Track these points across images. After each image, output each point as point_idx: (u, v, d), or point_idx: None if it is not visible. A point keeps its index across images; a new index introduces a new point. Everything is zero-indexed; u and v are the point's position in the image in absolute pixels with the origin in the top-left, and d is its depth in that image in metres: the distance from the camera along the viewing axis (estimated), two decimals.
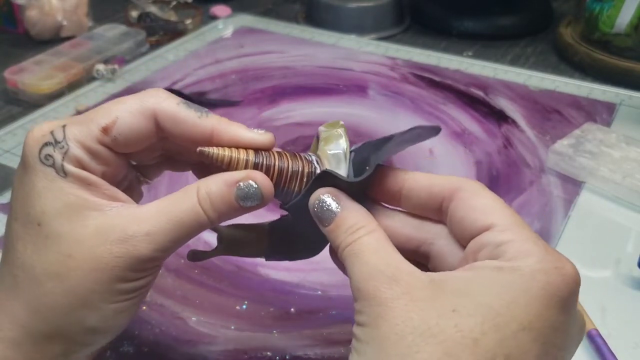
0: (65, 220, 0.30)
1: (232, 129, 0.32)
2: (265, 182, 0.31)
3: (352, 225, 0.30)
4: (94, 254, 0.30)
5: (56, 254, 0.30)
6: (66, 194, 0.30)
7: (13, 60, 0.75)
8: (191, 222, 0.30)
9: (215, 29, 0.87)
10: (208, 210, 0.31)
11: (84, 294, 0.30)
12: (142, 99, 0.32)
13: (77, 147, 0.31)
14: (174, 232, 0.30)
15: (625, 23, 0.73)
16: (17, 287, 0.31)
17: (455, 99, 0.70)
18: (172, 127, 0.32)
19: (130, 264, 0.30)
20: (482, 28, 0.86)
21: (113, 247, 0.30)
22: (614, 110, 0.67)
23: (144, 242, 0.30)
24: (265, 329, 0.43)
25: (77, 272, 0.30)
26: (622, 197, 0.54)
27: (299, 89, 0.72)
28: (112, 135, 0.31)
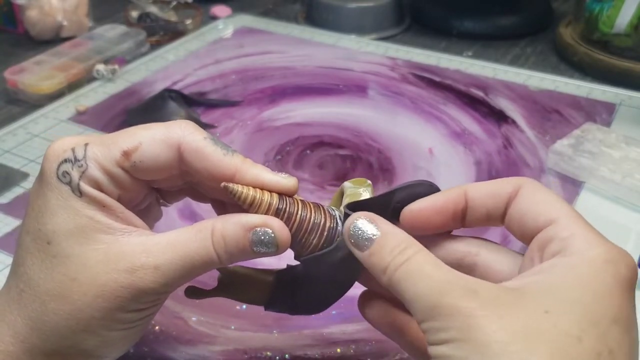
0: (75, 242, 0.30)
1: (255, 170, 0.31)
2: (283, 232, 0.30)
3: (396, 245, 0.28)
4: (100, 280, 0.29)
5: (62, 276, 0.30)
6: (79, 215, 0.30)
7: (13, 61, 0.75)
8: (202, 261, 0.30)
9: (215, 29, 0.87)
10: (220, 252, 0.30)
11: (85, 319, 0.30)
12: (169, 128, 0.31)
13: (96, 167, 0.30)
14: (183, 269, 0.30)
15: (625, 23, 0.73)
16: (21, 301, 0.30)
17: (455, 99, 0.70)
18: (196, 161, 0.31)
19: (134, 295, 0.30)
20: (482, 28, 0.86)
21: (119, 276, 0.29)
22: (613, 110, 0.67)
23: (151, 275, 0.30)
24: (265, 329, 0.43)
25: (81, 297, 0.30)
26: (622, 197, 0.54)
27: (299, 89, 0.72)
28: (132, 160, 0.31)
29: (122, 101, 0.70)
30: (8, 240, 0.50)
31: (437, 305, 0.26)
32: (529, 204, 0.29)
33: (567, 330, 0.24)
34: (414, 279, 0.27)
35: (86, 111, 0.68)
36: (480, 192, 0.31)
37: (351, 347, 0.41)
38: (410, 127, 0.65)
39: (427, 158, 0.60)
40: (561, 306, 0.25)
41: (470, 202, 0.31)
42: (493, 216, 0.31)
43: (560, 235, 0.27)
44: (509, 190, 0.30)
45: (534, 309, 0.25)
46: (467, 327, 0.24)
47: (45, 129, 0.65)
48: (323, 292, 0.33)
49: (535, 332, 0.24)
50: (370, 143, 0.62)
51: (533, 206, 0.29)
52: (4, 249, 0.50)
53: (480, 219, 0.31)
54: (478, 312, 0.25)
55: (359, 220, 0.29)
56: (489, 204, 0.30)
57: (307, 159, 0.60)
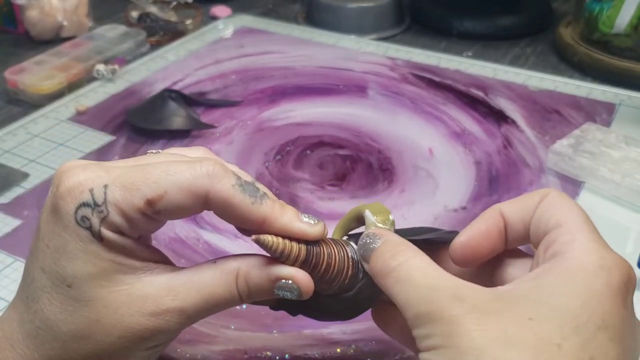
0: (97, 286, 0.29)
1: (284, 219, 0.30)
2: (307, 284, 0.31)
3: (390, 249, 0.29)
4: (124, 322, 0.29)
5: (84, 319, 0.29)
6: (100, 259, 0.29)
7: (13, 61, 0.75)
8: (225, 302, 0.31)
9: (215, 29, 0.87)
10: (244, 295, 0.31)
11: (106, 356, 0.30)
12: (195, 174, 0.29)
13: (117, 213, 0.29)
14: (207, 310, 0.31)
15: (624, 23, 0.73)
16: (38, 337, 0.30)
17: (455, 99, 0.70)
18: (223, 212, 0.30)
19: (158, 335, 0.30)
20: (482, 28, 0.86)
21: (145, 319, 0.29)
22: (613, 110, 0.67)
23: (177, 318, 0.30)
24: (265, 329, 0.43)
25: (104, 338, 0.29)
26: (622, 197, 0.54)
27: (299, 89, 0.73)
28: (157, 209, 0.29)
29: (122, 101, 0.70)
30: (8, 240, 0.50)
31: (423, 313, 0.26)
32: (546, 209, 0.29)
33: (547, 337, 0.24)
34: (404, 286, 0.27)
35: (86, 111, 0.68)
36: (513, 208, 0.31)
37: (351, 347, 0.41)
38: (410, 127, 0.65)
39: (427, 158, 0.60)
40: (546, 312, 0.25)
41: (507, 220, 0.31)
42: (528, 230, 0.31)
43: (561, 238, 0.28)
44: (537, 199, 0.30)
45: (518, 316, 0.25)
46: (450, 334, 0.25)
47: (45, 129, 0.65)
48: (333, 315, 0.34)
49: (514, 340, 0.24)
50: (370, 143, 0.62)
51: (547, 211, 0.29)
52: (4, 249, 0.50)
53: (520, 236, 0.31)
54: (461, 319, 0.25)
55: (367, 234, 0.31)
56: (523, 218, 0.30)
57: (307, 159, 0.60)
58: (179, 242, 0.50)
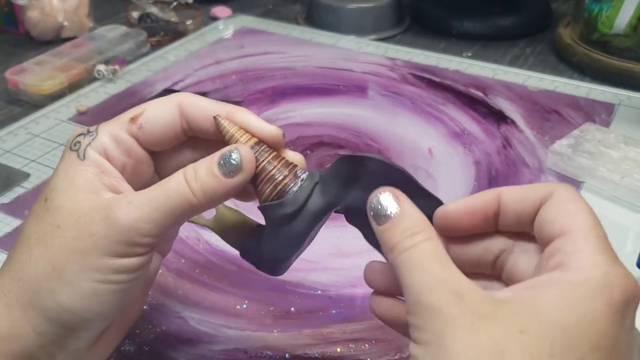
0: (67, 197, 0.31)
1: (243, 114, 0.34)
2: (247, 153, 0.32)
3: (410, 227, 0.28)
4: (79, 223, 0.30)
5: (49, 225, 0.31)
6: (77, 174, 0.32)
7: (14, 61, 0.76)
8: (176, 196, 0.31)
9: (215, 29, 0.87)
10: (192, 182, 0.31)
11: (61, 264, 0.30)
12: (168, 96, 0.35)
13: (105, 135, 0.33)
14: (157, 202, 0.30)
15: (624, 23, 0.73)
16: (12, 257, 0.32)
17: (455, 99, 0.70)
18: (193, 110, 0.34)
19: (109, 232, 0.30)
20: (481, 28, 0.86)
21: (96, 214, 0.30)
22: (612, 110, 0.67)
23: (125, 209, 0.30)
24: (265, 328, 0.43)
25: (60, 241, 0.30)
26: (621, 197, 0.54)
27: (299, 89, 0.73)
28: (139, 123, 0.33)
29: (123, 101, 0.70)
30: (8, 240, 0.51)
31: (423, 302, 0.26)
32: (552, 212, 0.28)
33: (536, 353, 0.24)
34: (412, 269, 0.27)
35: (87, 111, 0.68)
36: (512, 195, 0.30)
37: (351, 346, 0.42)
38: (410, 127, 0.65)
39: (427, 158, 0.60)
40: (539, 327, 0.24)
41: (502, 206, 0.30)
42: (522, 221, 0.30)
43: (565, 248, 0.27)
44: (540, 195, 0.29)
45: (510, 327, 0.24)
46: (442, 334, 0.25)
47: (45, 129, 0.65)
48: (273, 245, 0.34)
49: (501, 353, 0.24)
50: (370, 143, 0.62)
51: (554, 215, 0.28)
52: (4, 249, 0.50)
53: (511, 225, 0.30)
54: (456, 321, 0.25)
55: (382, 195, 0.29)
56: (518, 208, 0.30)
57: (307, 159, 0.60)
58: (179, 242, 0.50)
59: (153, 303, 0.44)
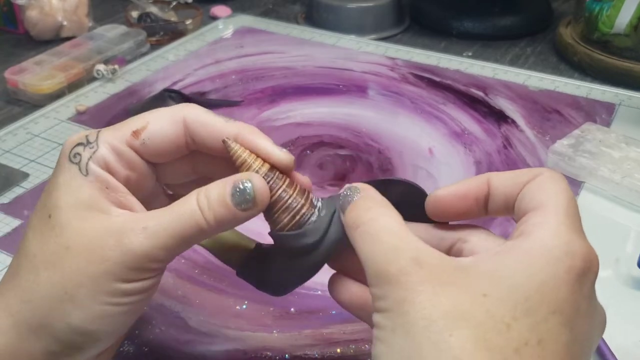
0: (74, 216, 0.30)
1: (253, 137, 0.33)
2: (262, 186, 0.31)
3: (369, 205, 0.29)
4: (91, 247, 0.30)
5: (57, 245, 0.30)
6: (81, 191, 0.31)
7: (13, 61, 0.76)
8: (189, 223, 0.30)
9: (215, 29, 0.87)
10: (205, 211, 0.30)
11: (72, 288, 0.30)
12: (173, 108, 0.33)
13: (106, 148, 0.32)
14: (171, 231, 0.30)
15: (624, 23, 0.73)
16: (17, 274, 0.31)
17: (455, 99, 0.70)
18: (200, 129, 0.33)
19: (122, 257, 0.30)
20: (481, 28, 0.86)
21: (109, 240, 0.30)
22: (613, 110, 0.67)
23: (140, 235, 0.30)
24: (265, 328, 0.43)
25: (71, 264, 0.30)
26: (622, 197, 0.54)
27: (299, 89, 0.73)
28: (141, 138, 0.32)
29: (123, 101, 0.70)
30: (8, 240, 0.50)
31: (382, 272, 0.26)
32: (532, 189, 0.29)
33: (498, 315, 0.24)
34: (370, 240, 0.27)
35: (86, 111, 0.68)
36: (501, 179, 0.31)
37: (351, 347, 0.41)
38: (410, 127, 0.65)
39: (427, 158, 0.60)
40: (501, 291, 0.25)
41: (491, 190, 0.31)
42: (511, 204, 0.30)
43: (533, 220, 0.27)
44: (527, 178, 0.30)
45: (473, 291, 0.25)
46: (403, 300, 0.25)
47: (45, 129, 0.65)
48: (285, 273, 0.34)
49: (464, 314, 0.24)
50: (370, 143, 0.62)
51: (533, 192, 0.29)
52: (4, 249, 0.50)
53: (500, 208, 0.31)
54: (416, 287, 0.25)
55: (349, 186, 0.31)
56: (507, 192, 0.30)
57: (307, 159, 0.60)
58: None
59: (153, 303, 0.44)
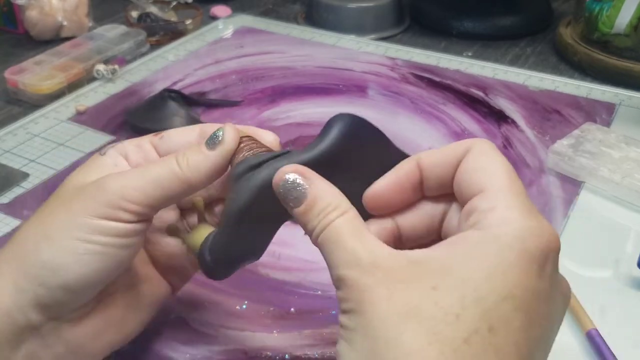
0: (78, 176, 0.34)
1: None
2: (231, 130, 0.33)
3: (324, 207, 0.28)
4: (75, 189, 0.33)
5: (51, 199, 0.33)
6: (94, 164, 0.34)
7: (13, 61, 0.75)
8: (164, 168, 0.32)
9: (215, 29, 0.87)
10: (180, 158, 0.33)
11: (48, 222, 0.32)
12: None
13: (129, 143, 0.35)
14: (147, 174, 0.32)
15: (624, 23, 0.73)
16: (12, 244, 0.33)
17: (455, 99, 0.70)
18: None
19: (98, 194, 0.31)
20: (481, 28, 0.86)
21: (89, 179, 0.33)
22: (613, 110, 0.67)
23: (117, 176, 0.32)
24: (265, 328, 0.43)
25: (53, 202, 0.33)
26: (622, 197, 0.54)
27: (299, 89, 0.73)
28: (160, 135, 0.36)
29: (122, 101, 0.70)
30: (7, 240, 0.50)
31: (343, 277, 0.27)
32: (468, 170, 0.29)
33: (447, 307, 0.25)
34: (331, 247, 0.28)
35: (86, 111, 0.68)
36: (431, 160, 0.31)
37: None
38: (410, 127, 0.65)
39: None
40: (450, 283, 0.25)
41: (424, 174, 0.31)
42: (445, 184, 0.30)
43: (481, 207, 0.27)
44: (456, 155, 0.30)
45: (423, 285, 0.25)
46: (362, 301, 0.26)
47: (45, 129, 0.65)
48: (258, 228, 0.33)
49: (414, 310, 0.25)
50: None
51: (469, 174, 0.29)
52: None
53: (435, 188, 0.31)
54: (373, 288, 0.26)
55: (289, 175, 0.29)
56: (438, 172, 0.30)
57: None
58: None
59: None
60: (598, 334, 0.41)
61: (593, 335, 0.41)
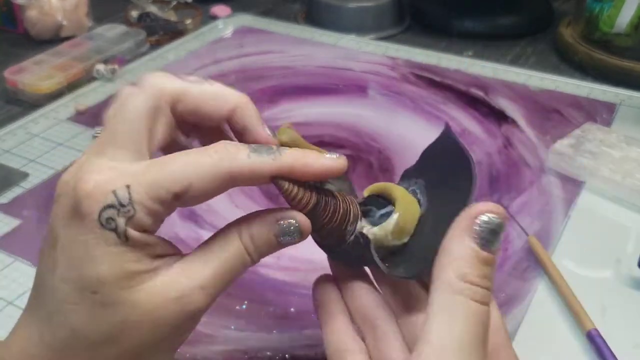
0: (123, 288, 0.29)
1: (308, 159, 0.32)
2: (304, 221, 0.32)
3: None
4: (152, 316, 0.29)
5: (112, 322, 0.29)
6: (125, 260, 0.29)
7: (13, 60, 0.75)
8: (237, 266, 0.31)
9: (215, 28, 0.87)
10: (252, 253, 0.31)
11: (137, 354, 0.30)
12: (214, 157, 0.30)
13: (143, 212, 0.29)
14: (224, 280, 0.31)
15: (625, 23, 0.73)
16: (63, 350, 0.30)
17: (455, 98, 0.70)
18: (252, 181, 0.31)
19: (186, 319, 0.30)
20: (482, 28, 0.86)
21: (170, 305, 0.29)
22: (614, 110, 0.67)
23: (200, 295, 0.30)
24: (265, 329, 0.43)
25: (134, 335, 0.29)
26: (622, 197, 0.54)
27: (299, 89, 0.72)
28: (184, 200, 0.29)
29: None
30: (8, 240, 0.50)
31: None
32: None
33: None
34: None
35: (86, 111, 0.68)
36: None
37: None
38: (410, 127, 0.65)
39: None
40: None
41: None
42: None
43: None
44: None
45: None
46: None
47: (44, 129, 0.65)
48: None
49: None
50: (370, 143, 0.62)
51: None
52: (4, 249, 0.49)
53: None
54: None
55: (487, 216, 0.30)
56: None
57: None
58: (179, 242, 0.50)
59: None
60: (598, 334, 0.41)
61: (593, 335, 0.41)
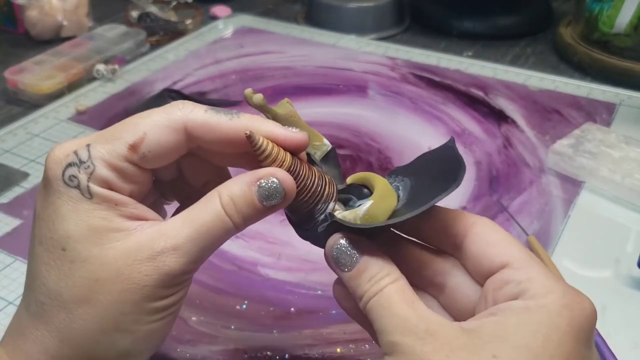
0: (91, 244, 0.29)
1: (267, 126, 0.32)
2: (287, 179, 0.30)
3: (375, 274, 0.29)
4: (123, 275, 0.29)
5: (83, 279, 0.29)
6: (92, 216, 0.29)
7: (13, 60, 0.75)
8: (217, 229, 0.30)
9: (215, 29, 0.87)
10: (233, 215, 0.30)
11: (115, 318, 0.29)
12: (168, 112, 0.31)
13: (103, 166, 0.29)
14: (201, 242, 0.29)
15: (625, 23, 0.73)
16: (44, 314, 0.30)
17: (455, 99, 0.70)
18: (205, 134, 0.31)
19: (160, 280, 0.29)
20: (482, 28, 0.86)
21: (142, 266, 0.29)
22: (613, 110, 0.67)
23: (173, 256, 0.29)
24: (265, 328, 0.43)
25: (106, 296, 0.29)
26: (622, 197, 0.54)
27: (299, 89, 0.72)
28: (140, 152, 0.30)
29: (122, 101, 0.70)
30: (8, 240, 0.50)
31: (397, 343, 0.27)
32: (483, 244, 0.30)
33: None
34: (383, 312, 0.28)
35: (86, 111, 0.68)
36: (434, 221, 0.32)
37: (351, 347, 0.41)
38: (410, 127, 0.65)
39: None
40: (509, 351, 0.26)
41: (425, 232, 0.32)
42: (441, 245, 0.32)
43: (517, 278, 0.28)
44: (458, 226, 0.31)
45: (483, 354, 0.26)
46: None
47: (45, 129, 0.65)
48: None
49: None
50: (370, 143, 0.62)
51: (487, 247, 0.30)
52: (4, 248, 0.50)
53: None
54: (431, 356, 0.26)
55: (341, 241, 0.30)
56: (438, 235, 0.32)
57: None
58: None
59: None
60: (598, 334, 0.41)
61: None
